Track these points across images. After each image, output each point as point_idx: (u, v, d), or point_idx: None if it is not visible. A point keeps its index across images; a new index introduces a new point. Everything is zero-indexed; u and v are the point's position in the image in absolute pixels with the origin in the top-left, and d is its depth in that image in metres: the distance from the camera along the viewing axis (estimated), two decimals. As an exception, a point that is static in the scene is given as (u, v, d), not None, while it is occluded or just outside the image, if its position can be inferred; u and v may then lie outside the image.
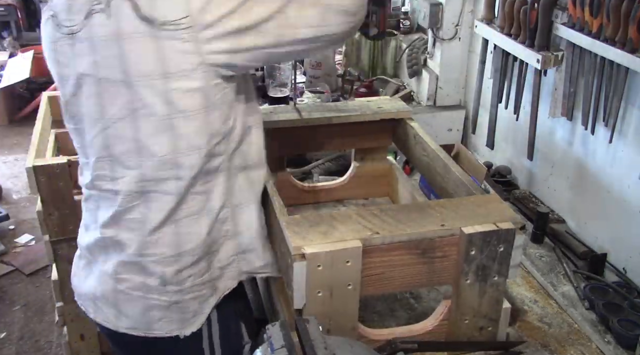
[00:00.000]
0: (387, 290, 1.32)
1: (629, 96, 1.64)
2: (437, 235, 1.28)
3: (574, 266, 1.77)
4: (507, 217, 1.30)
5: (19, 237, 3.86)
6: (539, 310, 1.63)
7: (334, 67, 2.69)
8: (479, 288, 1.33)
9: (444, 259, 1.30)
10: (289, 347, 1.02)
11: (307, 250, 1.21)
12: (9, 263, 3.63)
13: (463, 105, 2.57)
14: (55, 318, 2.25)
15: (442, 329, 1.37)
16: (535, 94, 1.93)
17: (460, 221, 1.31)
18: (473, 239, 1.27)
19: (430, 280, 1.33)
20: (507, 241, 1.30)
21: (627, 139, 1.67)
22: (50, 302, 3.21)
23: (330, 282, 1.24)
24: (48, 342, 3.06)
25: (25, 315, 3.25)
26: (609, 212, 1.76)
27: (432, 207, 1.37)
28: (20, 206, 4.19)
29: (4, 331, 3.13)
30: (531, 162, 2.05)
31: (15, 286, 3.47)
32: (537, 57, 1.83)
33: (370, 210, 1.35)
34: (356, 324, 1.32)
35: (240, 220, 1.32)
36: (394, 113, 1.80)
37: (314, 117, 1.76)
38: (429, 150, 1.63)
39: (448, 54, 2.46)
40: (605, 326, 1.55)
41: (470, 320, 1.37)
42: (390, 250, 1.26)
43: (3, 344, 3.05)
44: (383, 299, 1.54)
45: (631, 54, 1.52)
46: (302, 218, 1.27)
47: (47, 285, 3.36)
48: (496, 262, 1.31)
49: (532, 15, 1.83)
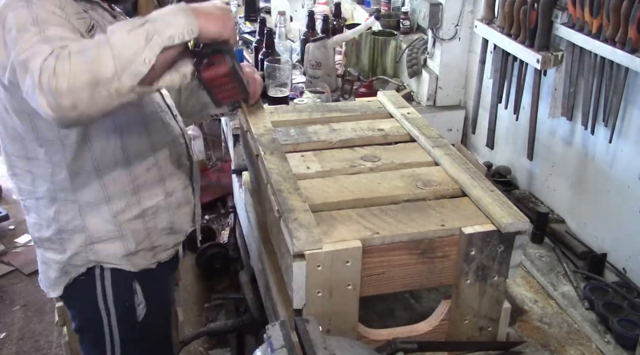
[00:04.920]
0: (388, 291, 1.32)
1: (629, 96, 1.64)
2: (437, 236, 1.28)
3: (573, 266, 1.77)
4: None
5: (19, 237, 3.87)
6: (539, 310, 1.62)
7: (333, 67, 2.69)
8: (479, 288, 1.33)
9: (444, 259, 1.30)
10: (289, 347, 1.02)
11: (307, 251, 1.21)
12: (9, 263, 3.63)
13: (463, 105, 2.57)
14: (55, 318, 2.25)
15: (443, 329, 1.37)
16: (535, 94, 1.93)
17: (461, 221, 1.31)
18: (473, 239, 1.28)
19: (430, 280, 1.33)
20: (507, 241, 1.30)
21: (627, 139, 1.67)
22: (50, 302, 3.21)
23: (330, 282, 1.24)
24: (48, 342, 3.06)
25: (25, 315, 3.25)
26: (609, 212, 1.76)
27: (432, 207, 1.37)
28: (20, 206, 4.19)
29: (4, 331, 3.13)
30: (531, 162, 2.05)
31: (15, 286, 3.47)
32: (537, 57, 1.83)
33: (370, 210, 1.35)
34: (356, 324, 1.32)
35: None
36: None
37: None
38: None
39: (448, 54, 2.46)
40: (605, 326, 1.55)
41: (471, 321, 1.37)
42: (390, 250, 1.27)
43: (3, 344, 3.05)
44: (383, 299, 1.54)
45: (631, 54, 1.52)
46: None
47: (47, 285, 3.35)
48: (496, 262, 1.31)
49: (532, 16, 1.83)
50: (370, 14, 2.94)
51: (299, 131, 1.70)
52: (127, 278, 1.54)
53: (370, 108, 1.86)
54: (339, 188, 1.44)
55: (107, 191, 1.46)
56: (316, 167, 1.53)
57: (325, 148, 1.63)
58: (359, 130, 1.70)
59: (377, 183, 1.46)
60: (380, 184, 1.45)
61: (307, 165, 1.54)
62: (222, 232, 3.70)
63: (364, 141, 1.67)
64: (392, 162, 1.56)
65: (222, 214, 3.85)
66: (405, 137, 1.70)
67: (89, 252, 1.49)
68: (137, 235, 1.52)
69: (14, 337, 3.09)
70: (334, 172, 1.52)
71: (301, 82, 2.70)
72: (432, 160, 1.57)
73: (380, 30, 2.87)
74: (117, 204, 1.48)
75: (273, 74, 2.38)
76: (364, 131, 1.70)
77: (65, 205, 1.46)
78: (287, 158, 1.52)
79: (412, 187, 1.44)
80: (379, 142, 1.67)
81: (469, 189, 1.40)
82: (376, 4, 3.15)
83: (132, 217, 1.50)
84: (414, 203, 1.39)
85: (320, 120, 1.78)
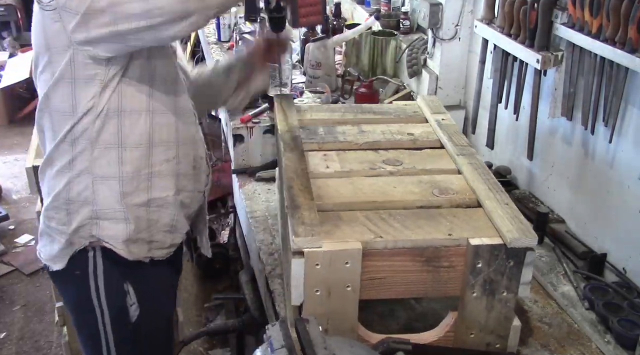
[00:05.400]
0: (391, 296, 1.31)
1: (629, 96, 1.63)
2: (443, 245, 1.26)
3: (573, 266, 1.77)
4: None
5: (19, 237, 3.87)
6: (539, 310, 1.62)
7: (333, 67, 2.69)
8: (487, 302, 1.31)
9: (450, 270, 1.28)
10: (289, 347, 1.02)
11: (306, 248, 1.21)
12: (9, 263, 3.63)
13: (463, 105, 2.56)
14: (55, 318, 2.26)
15: (448, 340, 1.35)
16: (535, 94, 1.93)
17: (469, 232, 1.28)
18: (480, 251, 1.25)
19: (435, 289, 1.31)
20: (516, 257, 1.26)
21: (627, 139, 1.67)
22: (50, 302, 3.21)
23: (329, 281, 1.24)
24: (48, 342, 3.06)
25: (25, 315, 3.25)
26: (609, 212, 1.76)
27: (443, 215, 1.35)
28: (20, 206, 4.19)
29: (4, 331, 3.13)
30: (531, 162, 2.05)
31: (15, 286, 3.47)
32: (537, 57, 1.83)
33: (379, 214, 1.34)
34: (356, 326, 1.31)
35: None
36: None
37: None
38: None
39: (448, 54, 2.46)
40: (605, 326, 1.54)
41: (477, 335, 1.34)
42: (392, 255, 1.25)
43: (3, 344, 3.05)
44: (383, 300, 1.53)
45: (631, 54, 1.52)
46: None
47: (47, 285, 3.36)
48: (505, 277, 1.28)
49: (532, 15, 1.83)
50: (370, 14, 2.94)
51: (327, 130, 1.71)
52: (119, 278, 1.55)
53: (405, 112, 1.85)
54: (353, 189, 1.44)
55: (123, 169, 1.48)
56: (336, 167, 1.53)
57: (350, 149, 1.63)
58: (388, 133, 1.70)
59: (392, 187, 1.45)
60: (395, 188, 1.44)
61: (327, 164, 1.54)
62: (222, 232, 3.70)
63: (390, 144, 1.65)
64: (414, 168, 1.55)
65: (222, 214, 3.85)
66: (435, 143, 1.68)
67: (93, 226, 1.50)
68: (139, 223, 1.52)
69: (14, 337, 3.09)
70: (353, 173, 1.52)
71: (301, 82, 2.70)
72: (456, 168, 1.56)
73: (380, 30, 2.87)
74: (128, 184, 1.49)
75: (273, 74, 2.38)
76: (392, 135, 1.69)
77: (79, 175, 1.48)
78: (309, 156, 1.53)
79: (427, 194, 1.43)
80: (407, 146, 1.66)
81: (483, 200, 1.39)
82: (376, 4, 3.15)
83: (138, 203, 1.51)
84: (425, 210, 1.38)
85: (351, 121, 1.78)
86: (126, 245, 1.52)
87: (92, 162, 1.46)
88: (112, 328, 1.58)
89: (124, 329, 1.59)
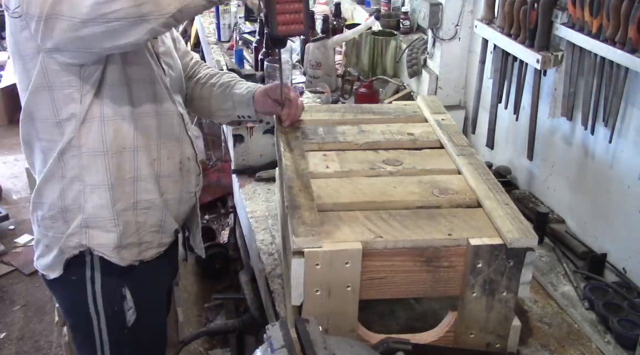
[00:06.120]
0: (391, 296, 1.31)
1: (629, 96, 1.63)
2: (443, 245, 1.26)
3: (573, 266, 1.77)
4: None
5: (19, 237, 3.87)
6: (538, 310, 1.62)
7: (333, 67, 2.69)
8: (486, 302, 1.31)
9: (450, 270, 1.28)
10: (289, 347, 1.02)
11: (306, 248, 1.21)
12: (9, 263, 3.63)
13: (463, 105, 2.56)
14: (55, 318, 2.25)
15: (448, 340, 1.35)
16: (535, 94, 1.93)
17: (469, 232, 1.28)
18: (480, 251, 1.25)
19: (435, 289, 1.31)
20: (516, 257, 1.27)
21: (627, 139, 1.67)
22: (50, 302, 3.21)
23: (329, 281, 1.24)
24: (48, 342, 3.06)
25: (25, 315, 3.25)
26: (609, 212, 1.76)
27: (443, 215, 1.35)
28: (20, 206, 4.19)
29: (4, 331, 3.13)
30: (531, 162, 2.05)
31: (15, 286, 3.47)
32: (537, 57, 1.83)
33: (378, 214, 1.34)
34: (356, 326, 1.31)
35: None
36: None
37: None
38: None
39: (448, 54, 2.46)
40: (605, 326, 1.54)
41: (477, 335, 1.35)
42: (392, 255, 1.25)
43: (3, 344, 3.05)
44: (383, 300, 1.53)
45: (631, 54, 1.52)
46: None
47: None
48: (505, 278, 1.28)
49: (532, 15, 1.83)
50: (370, 14, 2.94)
51: (327, 130, 1.71)
52: (117, 283, 1.56)
53: (405, 112, 1.84)
54: (352, 189, 1.44)
55: (111, 176, 1.48)
56: (335, 167, 1.53)
57: (350, 149, 1.63)
58: (388, 134, 1.69)
59: (392, 187, 1.45)
60: (395, 189, 1.44)
61: (326, 164, 1.54)
62: (222, 232, 3.70)
63: (390, 145, 1.65)
64: (414, 168, 1.55)
65: (222, 214, 3.85)
66: (435, 143, 1.68)
67: (82, 235, 1.51)
68: (128, 228, 1.53)
69: (14, 337, 3.09)
70: (352, 173, 1.52)
71: (301, 82, 2.70)
72: (456, 168, 1.55)
73: (380, 30, 2.87)
74: (116, 191, 1.50)
75: (273, 74, 2.38)
76: (392, 135, 1.69)
77: (72, 183, 1.48)
78: (309, 157, 1.53)
79: (427, 194, 1.42)
80: (407, 146, 1.66)
81: (483, 200, 1.39)
82: (376, 4, 3.15)
83: (126, 207, 1.52)
84: (426, 210, 1.37)
85: (351, 121, 1.77)
86: (117, 251, 1.53)
87: (82, 170, 1.47)
88: (108, 332, 1.59)
89: (120, 332, 1.60)
